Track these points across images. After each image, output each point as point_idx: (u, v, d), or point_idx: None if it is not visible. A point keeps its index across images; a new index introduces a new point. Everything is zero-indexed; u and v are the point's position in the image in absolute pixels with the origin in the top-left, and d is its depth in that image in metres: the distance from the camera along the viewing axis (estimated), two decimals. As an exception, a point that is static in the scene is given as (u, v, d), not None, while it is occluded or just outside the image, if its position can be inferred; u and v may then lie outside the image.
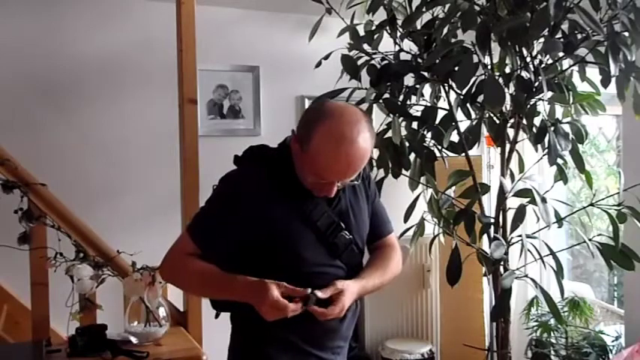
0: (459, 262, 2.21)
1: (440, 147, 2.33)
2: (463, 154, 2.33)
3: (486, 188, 2.34)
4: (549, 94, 2.16)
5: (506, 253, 2.21)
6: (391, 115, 2.33)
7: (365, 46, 2.49)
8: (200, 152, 2.25)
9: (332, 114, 1.35)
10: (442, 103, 2.42)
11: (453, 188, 2.33)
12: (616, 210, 2.15)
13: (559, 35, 2.12)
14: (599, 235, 2.26)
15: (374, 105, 2.43)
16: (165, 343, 2.02)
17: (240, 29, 3.16)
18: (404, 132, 2.36)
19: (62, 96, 2.83)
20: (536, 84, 2.11)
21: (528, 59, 2.15)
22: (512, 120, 2.31)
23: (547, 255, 2.16)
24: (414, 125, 2.38)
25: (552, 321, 2.98)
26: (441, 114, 2.34)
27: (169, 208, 2.48)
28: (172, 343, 2.03)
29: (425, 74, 2.33)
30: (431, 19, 2.37)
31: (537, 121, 2.26)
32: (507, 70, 2.27)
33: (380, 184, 2.35)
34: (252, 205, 1.41)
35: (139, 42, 2.94)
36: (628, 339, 2.68)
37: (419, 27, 2.38)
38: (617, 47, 1.96)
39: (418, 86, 2.30)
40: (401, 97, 2.40)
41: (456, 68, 2.11)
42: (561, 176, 2.29)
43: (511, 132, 2.34)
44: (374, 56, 2.47)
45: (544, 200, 2.08)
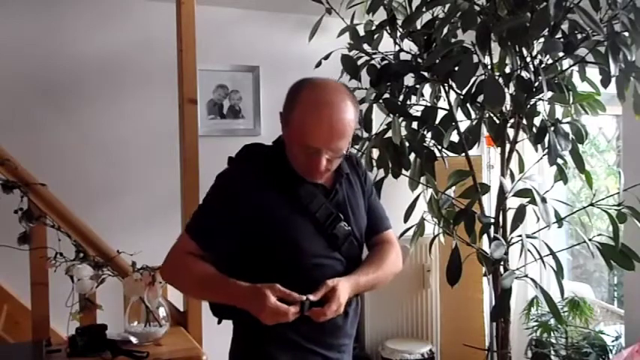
0: (459, 262, 2.21)
1: (440, 147, 2.33)
2: (463, 154, 2.33)
3: (486, 188, 2.34)
4: (549, 94, 2.16)
5: (506, 253, 2.21)
6: (391, 115, 2.33)
7: (365, 46, 2.50)
8: (200, 152, 2.25)
9: (312, 85, 1.41)
10: (442, 103, 2.42)
11: (453, 188, 2.33)
12: (616, 210, 2.15)
13: (559, 35, 2.12)
14: (599, 235, 2.26)
15: (374, 105, 2.44)
16: (165, 343, 2.01)
17: (240, 29, 3.16)
18: (404, 132, 2.36)
19: (62, 96, 2.82)
20: (536, 84, 2.11)
21: (528, 59, 2.15)
22: (512, 120, 2.31)
23: (547, 255, 2.16)
24: (414, 125, 2.38)
25: (552, 321, 2.98)
26: (441, 114, 2.35)
27: (169, 208, 2.47)
28: (172, 343, 2.03)
29: (425, 74, 2.33)
30: (431, 19, 2.37)
31: (537, 121, 2.26)
32: (507, 70, 2.28)
33: (380, 184, 2.36)
34: (249, 200, 1.41)
35: (139, 42, 2.94)
36: (628, 339, 2.68)
37: (419, 27, 2.38)
38: (617, 47, 1.96)
39: (418, 86, 2.30)
40: (401, 97, 2.40)
41: (456, 68, 2.11)
42: (561, 176, 2.29)
43: (511, 132, 2.34)
44: (374, 56, 2.48)
45: (544, 200, 2.08)
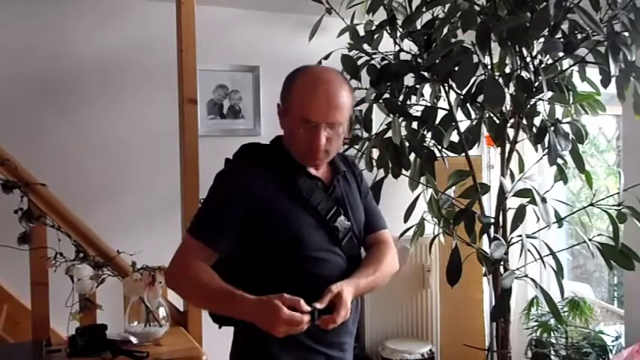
0: (459, 262, 2.21)
1: (440, 147, 2.33)
2: (463, 154, 2.33)
3: (486, 188, 2.34)
4: (549, 94, 2.16)
5: (506, 253, 2.21)
6: (391, 115, 2.33)
7: (365, 46, 2.50)
8: (200, 152, 2.25)
9: (307, 69, 1.48)
10: (442, 103, 2.42)
11: (453, 188, 2.33)
12: (616, 210, 2.15)
13: (559, 35, 2.12)
14: (599, 235, 2.25)
15: (374, 105, 2.44)
16: (165, 343, 2.01)
17: (240, 29, 3.16)
18: (404, 132, 2.36)
19: (62, 96, 2.82)
20: (536, 84, 2.11)
21: (528, 59, 2.15)
22: (512, 120, 2.31)
23: (547, 255, 2.16)
24: (414, 125, 2.38)
25: (552, 321, 2.98)
26: (441, 114, 2.34)
27: (169, 208, 2.48)
28: (172, 343, 2.03)
29: (425, 74, 2.33)
30: (431, 19, 2.37)
31: (537, 121, 2.26)
32: (507, 70, 2.27)
33: (380, 184, 2.36)
34: (250, 196, 1.42)
35: (139, 42, 2.94)
36: (628, 339, 2.68)
37: (419, 27, 2.38)
38: (617, 47, 1.96)
39: (418, 86, 2.30)
40: (401, 97, 2.40)
41: (456, 68, 2.11)
42: (561, 176, 2.29)
43: (511, 132, 2.34)
44: (374, 56, 2.47)
45: (544, 200, 2.08)
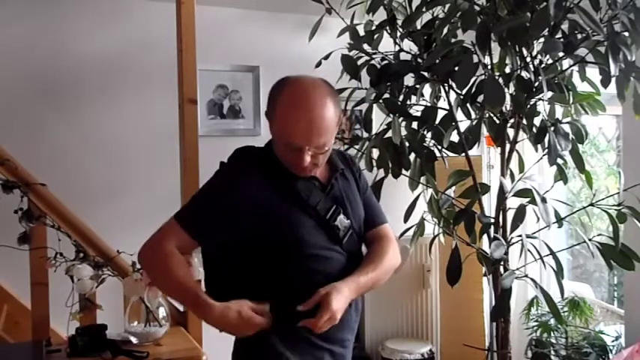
0: (459, 262, 2.21)
1: (440, 147, 2.33)
2: (463, 154, 2.33)
3: (486, 188, 2.34)
4: (549, 94, 2.16)
5: (506, 253, 2.21)
6: (391, 115, 2.33)
7: (365, 46, 2.50)
8: (200, 152, 2.25)
9: (290, 84, 1.42)
10: (442, 103, 2.42)
11: (453, 188, 2.33)
12: (616, 210, 2.15)
13: (559, 35, 2.12)
14: (599, 235, 2.25)
15: (374, 105, 2.44)
16: (165, 343, 2.01)
17: (240, 29, 3.16)
18: (404, 132, 2.36)
19: (62, 96, 2.82)
20: (536, 84, 2.11)
21: (528, 59, 2.15)
22: (512, 120, 2.31)
23: (547, 255, 2.16)
24: (414, 125, 2.38)
25: (552, 321, 2.98)
26: (441, 114, 2.34)
27: (169, 208, 2.44)
28: (172, 343, 2.03)
29: (425, 74, 2.33)
30: (431, 19, 2.37)
31: (537, 121, 2.26)
32: (507, 70, 2.28)
33: (380, 184, 2.36)
34: (248, 195, 1.41)
35: (139, 42, 2.94)
36: (628, 339, 2.68)
37: (419, 27, 2.38)
38: (617, 47, 1.96)
39: (418, 86, 2.30)
40: (401, 97, 2.40)
41: (456, 68, 2.11)
42: (561, 176, 2.29)
43: (511, 132, 2.34)
44: (374, 56, 2.47)
45: (544, 200, 2.08)
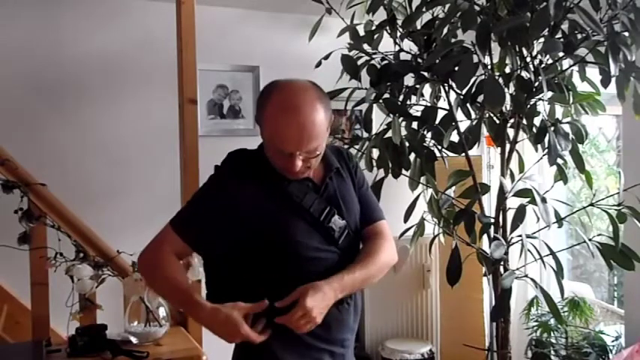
0: (459, 262, 2.21)
1: (440, 147, 2.32)
2: (463, 154, 2.32)
3: (486, 188, 2.34)
4: (549, 94, 2.16)
5: (506, 253, 2.21)
6: (391, 115, 2.33)
7: (365, 46, 2.49)
8: (200, 152, 2.25)
9: (279, 88, 1.40)
10: (442, 103, 2.42)
11: (453, 188, 2.33)
12: (616, 210, 2.15)
13: (559, 35, 2.12)
14: (599, 235, 2.25)
15: (374, 105, 2.44)
16: (165, 343, 2.02)
17: (240, 29, 3.16)
18: (404, 132, 2.36)
19: (62, 96, 2.82)
20: (536, 84, 2.11)
21: (528, 59, 2.15)
22: (512, 120, 2.31)
23: (547, 255, 2.16)
24: (414, 125, 2.38)
25: (552, 321, 2.98)
26: (441, 114, 2.34)
27: (169, 208, 2.44)
28: (172, 343, 2.03)
29: (425, 74, 2.33)
30: (431, 19, 2.37)
31: (537, 121, 2.26)
32: (507, 70, 2.27)
33: (380, 184, 2.36)
34: (241, 200, 1.41)
35: (139, 42, 2.94)
36: (628, 339, 2.68)
37: (419, 27, 2.38)
38: (617, 47, 1.96)
39: (418, 86, 2.30)
40: (401, 97, 2.40)
41: (456, 68, 2.11)
42: (561, 176, 2.29)
43: (511, 132, 2.34)
44: (374, 56, 2.47)
45: (544, 200, 2.08)
